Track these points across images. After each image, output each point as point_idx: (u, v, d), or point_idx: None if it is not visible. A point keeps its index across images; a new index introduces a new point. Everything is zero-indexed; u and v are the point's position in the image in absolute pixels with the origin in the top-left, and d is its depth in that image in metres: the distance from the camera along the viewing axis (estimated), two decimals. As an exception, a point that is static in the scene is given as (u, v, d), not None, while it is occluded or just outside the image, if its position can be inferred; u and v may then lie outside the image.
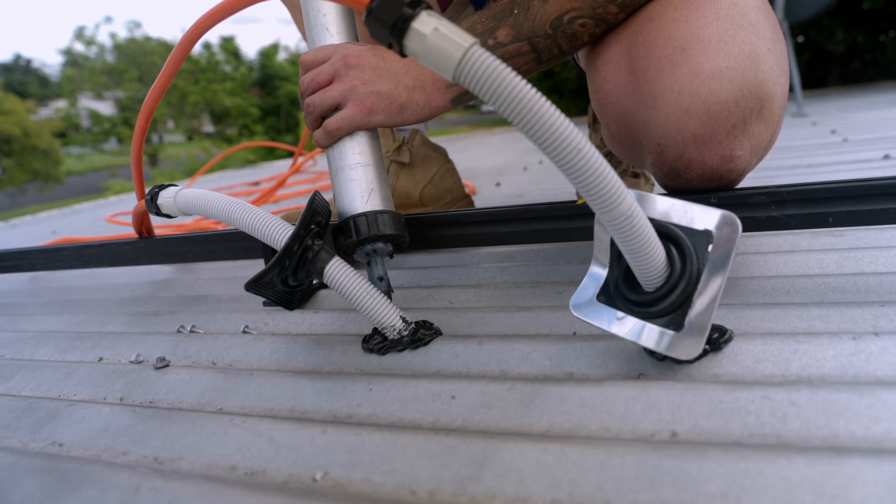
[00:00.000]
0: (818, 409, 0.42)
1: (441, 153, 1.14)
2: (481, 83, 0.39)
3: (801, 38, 8.31)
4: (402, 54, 0.41)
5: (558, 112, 0.39)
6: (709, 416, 0.44)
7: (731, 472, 0.37)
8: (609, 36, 0.70)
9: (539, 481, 0.40)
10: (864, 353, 0.48)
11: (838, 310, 0.56)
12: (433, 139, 1.16)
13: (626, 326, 0.51)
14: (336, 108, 0.71)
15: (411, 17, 0.39)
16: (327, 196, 1.02)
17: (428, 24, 0.39)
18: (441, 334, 0.65)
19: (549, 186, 1.69)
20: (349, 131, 0.70)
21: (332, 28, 0.73)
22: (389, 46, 0.42)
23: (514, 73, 0.38)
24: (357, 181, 0.69)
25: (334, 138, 0.70)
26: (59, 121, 20.42)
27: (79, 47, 20.55)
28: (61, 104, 22.25)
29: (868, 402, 0.42)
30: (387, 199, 0.70)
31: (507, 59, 0.68)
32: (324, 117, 0.72)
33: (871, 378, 0.46)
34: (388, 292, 0.67)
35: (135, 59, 19.35)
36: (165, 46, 20.03)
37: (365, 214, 0.67)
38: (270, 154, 13.45)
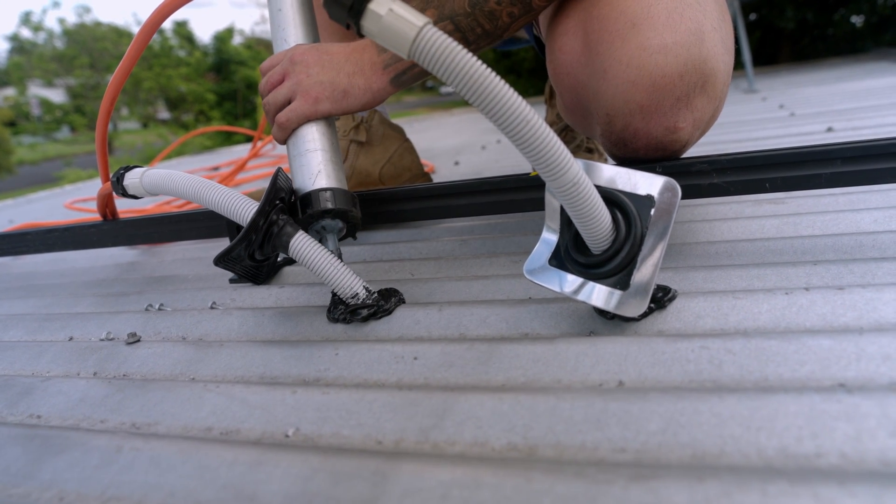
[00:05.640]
0: (751, 355, 0.46)
1: (399, 132, 1.15)
2: (434, 60, 0.41)
3: (752, 16, 8.45)
4: (360, 34, 0.44)
5: (507, 86, 0.42)
6: (652, 366, 0.47)
7: (670, 411, 0.41)
8: (566, 7, 0.72)
9: (496, 426, 0.43)
10: (795, 306, 0.52)
11: (775, 269, 0.60)
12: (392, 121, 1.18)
13: (577, 288, 0.54)
14: (288, 103, 0.74)
15: (367, -1, 0.42)
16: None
17: (383, 6, 0.41)
18: (404, 302, 0.67)
19: (507, 164, 1.71)
20: (299, 123, 0.73)
21: (290, 39, 0.78)
22: (347, 27, 0.44)
23: (465, 51, 0.41)
24: (306, 166, 0.72)
25: (288, 131, 0.74)
26: (8, 109, 19.81)
27: (26, 33, 20.01)
28: (9, 92, 21.58)
29: (795, 347, 0.46)
30: (335, 179, 0.72)
31: None
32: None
33: (800, 328, 0.50)
34: None
35: (85, 45, 18.85)
36: (117, 32, 19.56)
37: (310, 193, 0.70)
38: (228, 139, 13.23)
